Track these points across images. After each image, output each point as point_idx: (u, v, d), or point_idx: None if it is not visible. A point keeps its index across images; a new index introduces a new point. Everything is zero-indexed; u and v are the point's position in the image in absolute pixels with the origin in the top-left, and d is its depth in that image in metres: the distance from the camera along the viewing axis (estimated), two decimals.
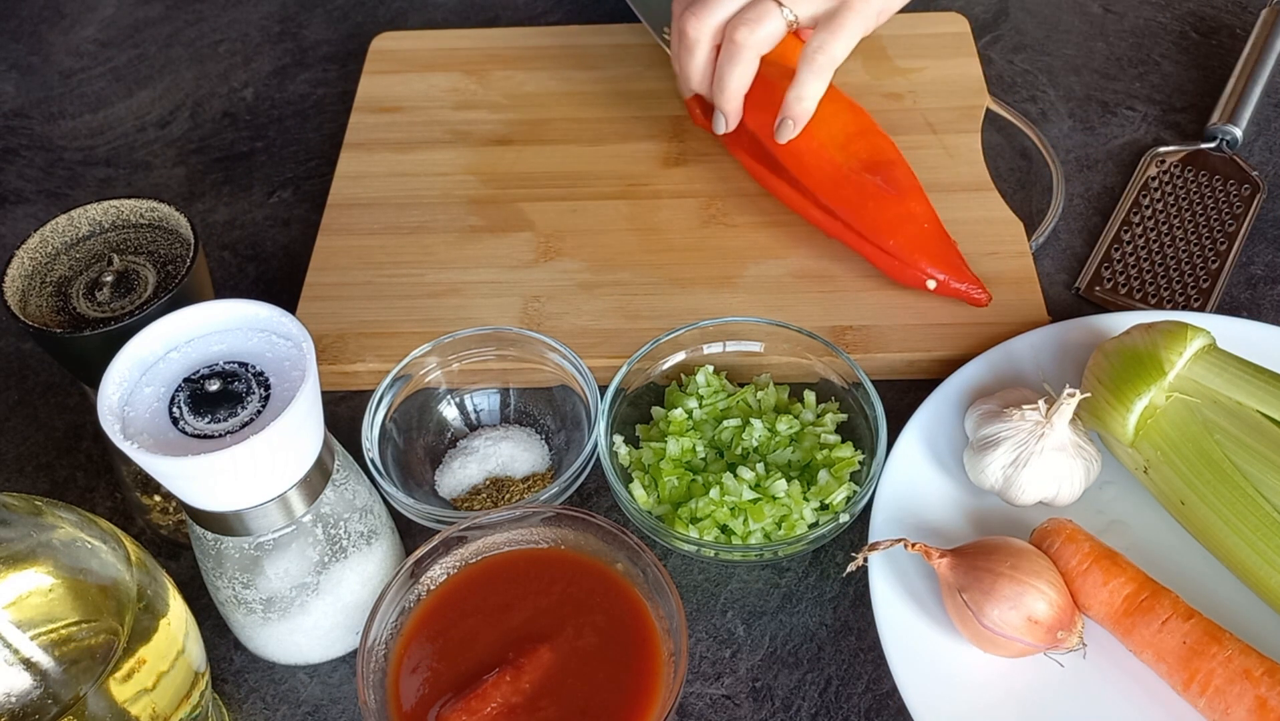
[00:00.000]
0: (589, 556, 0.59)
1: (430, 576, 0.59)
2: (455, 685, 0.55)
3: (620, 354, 0.71)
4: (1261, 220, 0.80)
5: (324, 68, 0.96)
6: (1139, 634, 0.57)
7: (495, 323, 0.74)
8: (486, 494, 0.67)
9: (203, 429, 0.51)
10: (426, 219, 0.81)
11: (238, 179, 0.89)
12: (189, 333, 0.54)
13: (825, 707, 0.60)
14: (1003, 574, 0.56)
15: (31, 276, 0.60)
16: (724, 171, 0.83)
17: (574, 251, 0.78)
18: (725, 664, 0.62)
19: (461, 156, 0.85)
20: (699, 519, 0.63)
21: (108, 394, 0.51)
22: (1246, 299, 0.76)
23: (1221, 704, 0.54)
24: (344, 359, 0.73)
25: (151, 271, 0.60)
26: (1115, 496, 0.64)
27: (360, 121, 0.88)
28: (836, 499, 0.64)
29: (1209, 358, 0.62)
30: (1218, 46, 0.90)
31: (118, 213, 0.62)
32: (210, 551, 0.56)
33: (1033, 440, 0.61)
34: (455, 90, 0.90)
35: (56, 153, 0.92)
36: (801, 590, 0.64)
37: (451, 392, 0.71)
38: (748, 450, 0.66)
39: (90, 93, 0.96)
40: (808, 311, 0.74)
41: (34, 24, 1.02)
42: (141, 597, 0.49)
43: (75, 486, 0.71)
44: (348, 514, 0.58)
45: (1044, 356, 0.69)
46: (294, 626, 0.59)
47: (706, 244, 0.79)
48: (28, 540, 0.48)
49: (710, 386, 0.69)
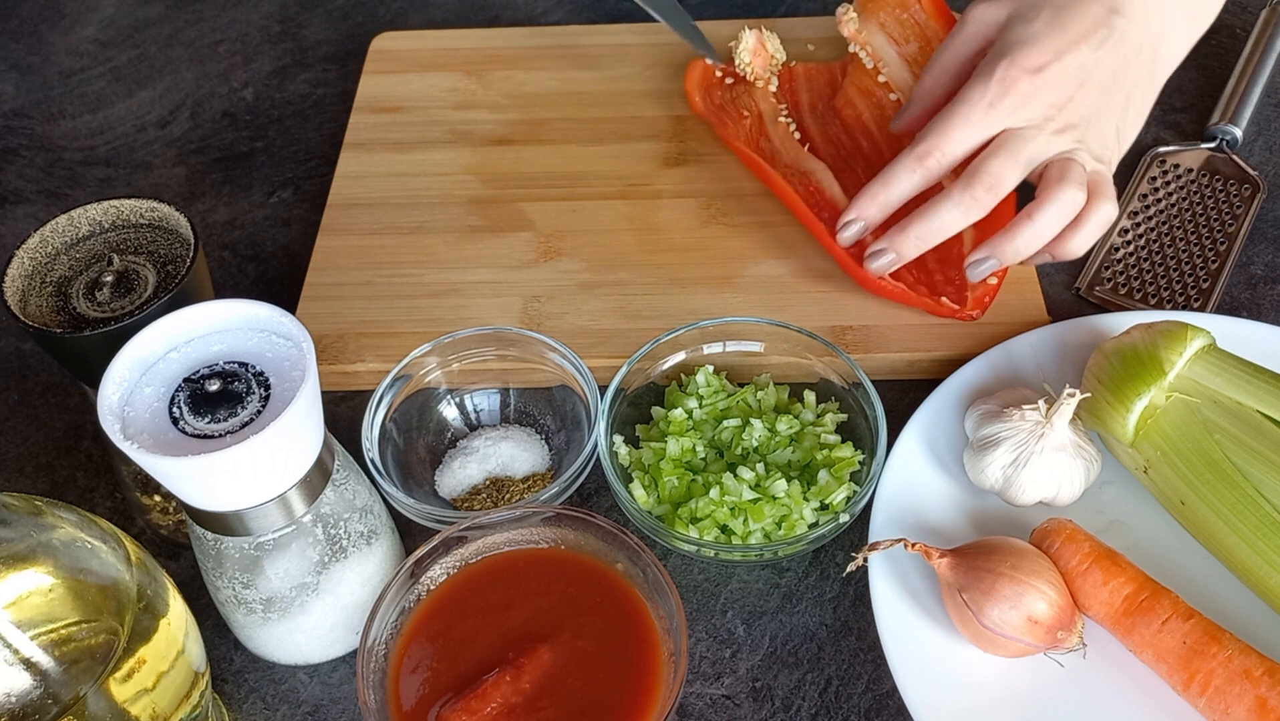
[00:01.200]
0: (589, 556, 0.59)
1: (430, 576, 0.59)
2: (455, 685, 0.55)
3: (620, 354, 0.71)
4: (1261, 220, 0.80)
5: (324, 68, 0.96)
6: (1139, 634, 0.57)
7: (495, 323, 0.74)
8: (486, 494, 0.67)
9: (203, 429, 0.51)
10: (426, 219, 0.81)
11: (238, 179, 0.89)
12: (189, 333, 0.54)
13: (825, 707, 0.60)
14: (1003, 574, 0.56)
15: (31, 276, 0.60)
16: (724, 171, 0.83)
17: (574, 251, 0.78)
18: (725, 664, 0.62)
19: (461, 156, 0.85)
20: (699, 519, 0.63)
21: (108, 394, 0.51)
22: (1246, 299, 0.76)
23: (1221, 704, 0.54)
24: (344, 359, 0.73)
25: (151, 271, 0.60)
26: (1115, 496, 0.64)
27: (360, 121, 0.88)
28: (836, 499, 0.64)
29: (1209, 357, 0.62)
30: (1217, 46, 0.90)
31: (118, 213, 0.62)
32: (210, 551, 0.56)
33: (1033, 440, 0.61)
34: (455, 90, 0.90)
35: (56, 153, 0.92)
36: (801, 590, 0.64)
37: (451, 392, 0.71)
38: (748, 450, 0.66)
39: (90, 93, 0.96)
40: (808, 311, 0.74)
41: (34, 24, 1.02)
42: (141, 597, 0.49)
43: (75, 486, 0.71)
44: (348, 514, 0.58)
45: (1044, 356, 0.69)
46: (294, 626, 0.59)
47: (706, 244, 0.79)
48: (28, 540, 0.48)
49: (710, 386, 0.69)
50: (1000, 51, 0.70)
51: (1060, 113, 0.70)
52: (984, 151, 0.70)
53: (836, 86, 0.87)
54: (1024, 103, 0.69)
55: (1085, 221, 0.70)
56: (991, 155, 0.69)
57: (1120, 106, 0.72)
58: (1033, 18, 0.71)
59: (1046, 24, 0.70)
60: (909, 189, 0.71)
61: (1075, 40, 0.69)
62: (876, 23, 0.85)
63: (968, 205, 0.69)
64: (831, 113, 0.85)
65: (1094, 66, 0.70)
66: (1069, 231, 0.70)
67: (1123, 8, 0.71)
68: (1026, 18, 0.71)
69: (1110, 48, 0.70)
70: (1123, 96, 0.72)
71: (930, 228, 0.70)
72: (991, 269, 0.70)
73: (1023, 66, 0.69)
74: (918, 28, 0.84)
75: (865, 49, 0.85)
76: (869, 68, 0.85)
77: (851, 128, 0.84)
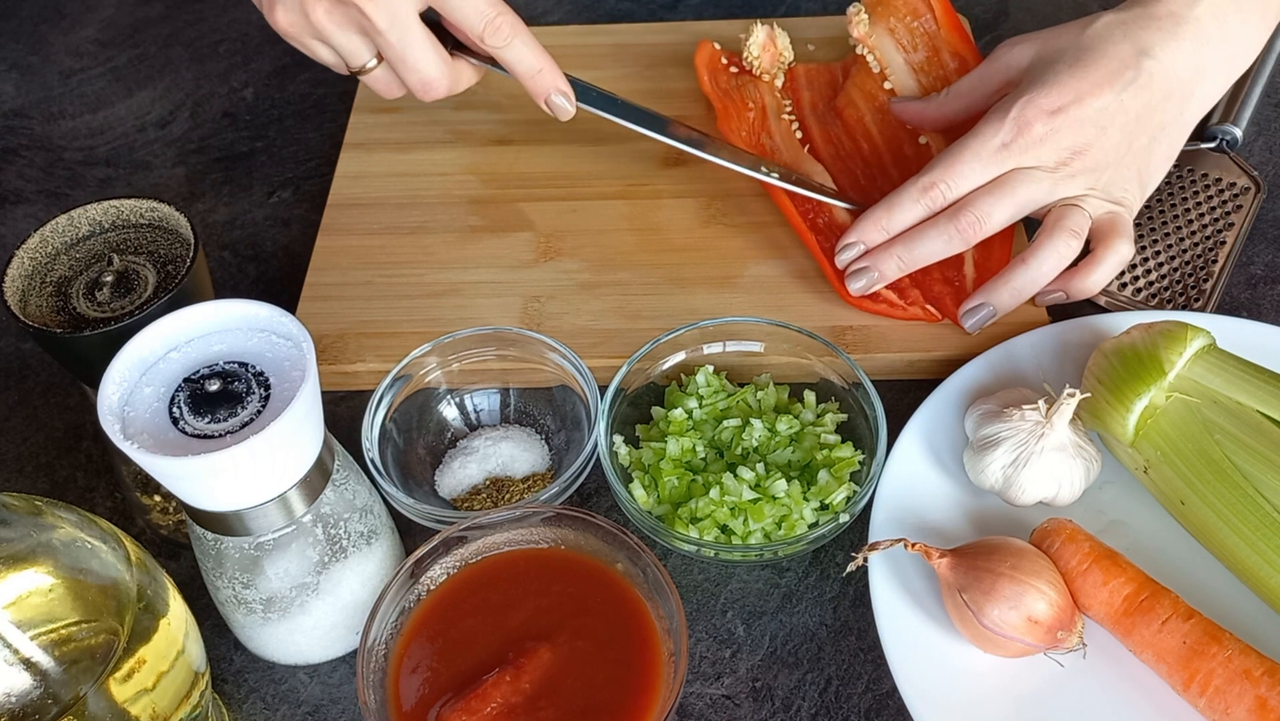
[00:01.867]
0: (589, 556, 0.59)
1: (430, 576, 0.59)
2: (455, 685, 0.55)
3: (620, 354, 0.71)
4: (1261, 220, 0.80)
5: (324, 68, 0.96)
6: (1139, 634, 0.57)
7: (495, 322, 0.74)
8: (486, 494, 0.67)
9: (203, 429, 0.51)
10: (426, 219, 0.81)
11: (238, 179, 0.89)
12: (189, 333, 0.54)
13: (825, 707, 0.60)
14: (1003, 574, 0.56)
15: (31, 276, 0.60)
16: (724, 171, 0.83)
17: (574, 251, 0.78)
18: (725, 664, 0.62)
19: (461, 156, 0.85)
20: (699, 519, 0.63)
21: (108, 394, 0.51)
22: (1246, 299, 0.76)
23: (1221, 704, 0.54)
24: (344, 359, 0.73)
25: (151, 271, 0.60)
26: (1115, 496, 0.64)
27: (360, 121, 0.88)
28: (836, 499, 0.64)
29: (1209, 358, 0.62)
30: None
31: (118, 213, 0.62)
32: (210, 551, 0.56)
33: (1033, 440, 0.61)
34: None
35: (56, 153, 0.92)
36: (801, 590, 0.64)
37: (451, 392, 0.71)
38: (748, 450, 0.66)
39: (90, 93, 0.96)
40: (808, 311, 0.74)
41: (34, 24, 1.02)
42: (141, 597, 0.49)
43: (75, 486, 0.71)
44: (348, 514, 0.58)
45: (1044, 356, 0.69)
46: (294, 626, 0.59)
47: (706, 244, 0.79)
48: (28, 540, 0.48)
49: (710, 386, 0.69)
50: (1020, 91, 0.70)
51: (1076, 157, 0.69)
52: (983, 187, 0.70)
53: (837, 87, 0.87)
54: (1036, 144, 0.69)
55: (1101, 261, 0.70)
56: (987, 192, 0.69)
57: (1144, 150, 0.71)
58: (1056, 58, 0.70)
59: (1069, 65, 0.69)
60: (911, 218, 0.71)
61: (1098, 83, 0.68)
62: (886, 27, 0.85)
63: (950, 236, 0.70)
64: (833, 113, 0.85)
65: (1117, 110, 0.69)
66: (1084, 270, 0.70)
67: (1153, 50, 0.69)
68: (1050, 58, 0.71)
69: (1135, 91, 0.69)
70: (1147, 139, 0.71)
71: (913, 253, 0.71)
72: (988, 317, 0.70)
73: (1039, 107, 0.68)
74: (928, 37, 0.84)
75: (873, 52, 0.85)
76: (875, 72, 0.85)
77: (852, 129, 0.84)
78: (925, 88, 0.83)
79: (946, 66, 0.83)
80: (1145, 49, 0.69)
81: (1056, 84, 0.69)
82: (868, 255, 0.72)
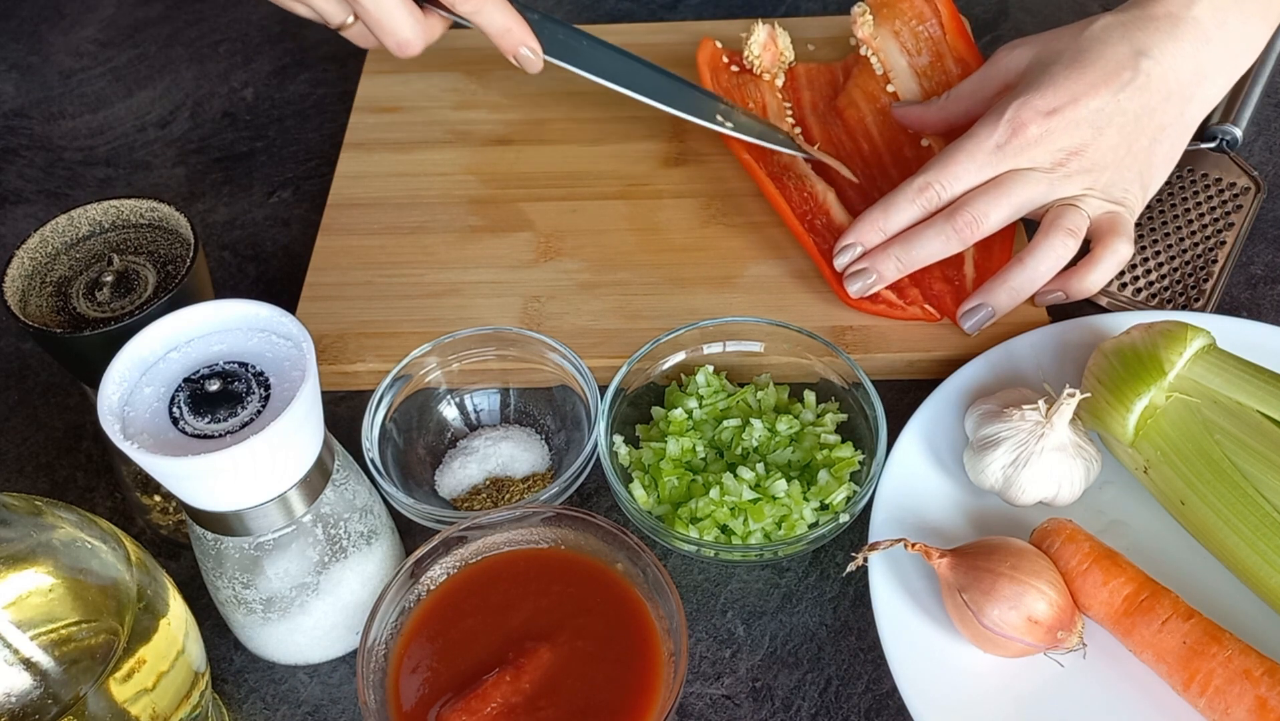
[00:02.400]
0: (589, 556, 0.59)
1: (430, 576, 0.59)
2: (455, 685, 0.55)
3: (620, 354, 0.71)
4: (1261, 220, 0.80)
5: (324, 68, 0.96)
6: (1139, 634, 0.57)
7: (495, 322, 0.74)
8: (486, 494, 0.67)
9: (203, 429, 0.51)
10: (426, 219, 0.81)
11: (238, 179, 0.89)
12: (189, 333, 0.54)
13: (825, 707, 0.60)
14: (1003, 574, 0.56)
15: (31, 276, 0.60)
16: (724, 171, 0.83)
17: (574, 251, 0.78)
18: (725, 664, 0.62)
19: (461, 156, 0.85)
20: (699, 519, 0.63)
21: (108, 394, 0.51)
22: (1246, 299, 0.76)
23: (1221, 704, 0.54)
24: (344, 359, 0.73)
25: (151, 271, 0.60)
26: (1115, 496, 0.64)
27: (360, 121, 0.88)
28: (836, 499, 0.64)
29: (1209, 358, 0.62)
30: None
31: (118, 213, 0.62)
32: (210, 551, 0.56)
33: (1033, 440, 0.61)
34: (455, 90, 0.90)
35: (56, 153, 0.92)
36: (801, 590, 0.64)
37: (451, 392, 0.71)
38: (748, 450, 0.66)
39: (90, 93, 0.96)
40: (808, 311, 0.74)
41: (34, 24, 1.02)
42: (141, 597, 0.49)
43: (75, 486, 0.71)
44: (348, 514, 0.58)
45: (1044, 356, 0.69)
46: (294, 626, 0.59)
47: (706, 244, 0.79)
48: (28, 540, 0.48)
49: (710, 386, 0.69)
50: (1017, 92, 0.70)
51: (1072, 158, 0.69)
52: (980, 187, 0.70)
53: (837, 87, 0.87)
54: (1031, 145, 0.69)
55: (1099, 261, 0.70)
56: (983, 193, 0.69)
57: (1144, 151, 0.71)
58: (1054, 60, 0.70)
59: (1066, 66, 0.69)
60: (907, 219, 0.71)
61: (1095, 84, 0.68)
62: (890, 30, 0.85)
63: (948, 236, 0.70)
64: (833, 113, 0.85)
65: (1115, 111, 0.69)
66: (1082, 270, 0.70)
67: (1151, 50, 0.69)
68: (1048, 60, 0.71)
69: (1133, 92, 0.69)
70: (1147, 140, 0.70)
71: (911, 254, 0.71)
72: (987, 318, 0.70)
73: (1035, 109, 0.68)
74: (932, 42, 0.84)
75: (877, 54, 0.85)
76: (878, 73, 0.84)
77: (853, 129, 0.84)
78: (927, 92, 0.83)
79: (950, 72, 0.83)
80: (1143, 50, 0.69)
81: (1052, 85, 0.69)
82: (866, 256, 0.72)
